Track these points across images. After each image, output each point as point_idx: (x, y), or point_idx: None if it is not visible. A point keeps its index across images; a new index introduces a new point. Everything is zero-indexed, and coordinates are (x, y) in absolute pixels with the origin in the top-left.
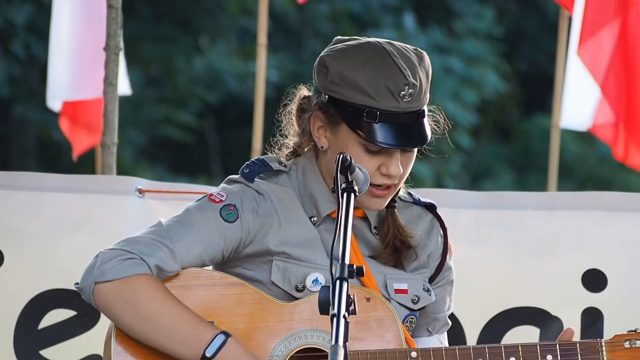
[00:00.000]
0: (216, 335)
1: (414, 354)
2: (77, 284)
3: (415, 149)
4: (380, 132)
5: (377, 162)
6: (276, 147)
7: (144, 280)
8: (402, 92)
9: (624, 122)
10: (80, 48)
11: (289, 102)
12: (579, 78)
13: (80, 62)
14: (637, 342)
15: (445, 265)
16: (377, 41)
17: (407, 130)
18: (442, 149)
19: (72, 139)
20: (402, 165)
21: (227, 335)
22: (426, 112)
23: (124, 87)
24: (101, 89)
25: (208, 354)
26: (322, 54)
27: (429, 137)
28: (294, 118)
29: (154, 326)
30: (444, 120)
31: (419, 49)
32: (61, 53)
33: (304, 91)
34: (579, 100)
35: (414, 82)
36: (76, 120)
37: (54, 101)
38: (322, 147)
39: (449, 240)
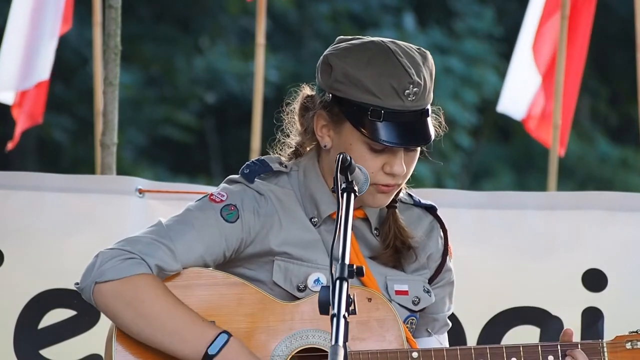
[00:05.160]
0: (219, 334)
1: (415, 354)
2: (77, 284)
3: (419, 148)
4: (385, 131)
5: (381, 161)
6: (278, 147)
7: (145, 280)
8: (407, 91)
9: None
10: (30, 38)
11: (291, 101)
12: (523, 65)
13: (29, 51)
14: (639, 343)
15: (445, 266)
16: (381, 40)
17: (411, 129)
18: (443, 150)
19: (16, 127)
20: (405, 164)
21: (229, 334)
22: (430, 112)
23: (45, 72)
24: (41, 74)
25: (210, 353)
26: (325, 52)
27: (433, 136)
28: (296, 117)
29: (155, 326)
30: (444, 122)
31: (422, 49)
32: (15, 45)
33: (307, 90)
34: (520, 88)
35: (419, 81)
36: (21, 108)
37: (4, 93)
38: (325, 147)
39: (449, 241)
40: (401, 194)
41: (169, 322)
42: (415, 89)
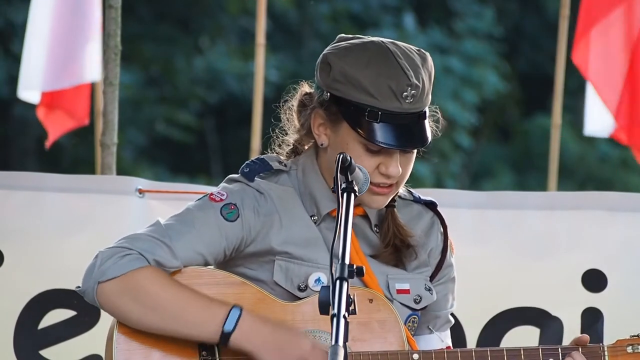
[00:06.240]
0: (230, 310)
1: (415, 356)
2: (79, 287)
3: (415, 150)
4: (381, 132)
5: (376, 161)
6: (276, 145)
7: (146, 273)
8: (405, 93)
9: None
10: (59, 37)
11: (290, 98)
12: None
13: (59, 51)
14: None
15: (446, 262)
16: (381, 41)
17: (407, 131)
18: (443, 149)
19: (48, 127)
20: (401, 166)
21: (240, 307)
22: (427, 114)
23: (93, 73)
24: (82, 76)
25: (227, 330)
26: (325, 51)
27: (430, 138)
28: (294, 114)
29: (165, 315)
30: (442, 120)
31: (422, 50)
32: (40, 44)
33: (305, 87)
34: (601, 106)
35: (417, 83)
36: (54, 108)
37: (29, 92)
38: (322, 145)
39: (449, 237)
40: (400, 191)
41: (178, 309)
42: (413, 91)
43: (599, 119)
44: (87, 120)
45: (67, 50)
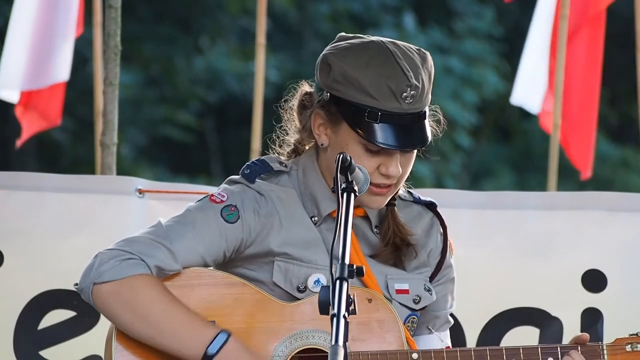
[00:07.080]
0: (218, 334)
1: (415, 356)
2: (77, 284)
3: (415, 150)
4: (381, 133)
5: (376, 161)
6: (277, 144)
7: (143, 281)
8: (404, 94)
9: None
10: (39, 37)
11: (290, 98)
12: (534, 59)
13: (38, 51)
14: (639, 345)
15: (445, 262)
16: (381, 40)
17: (407, 132)
18: (442, 149)
19: (24, 126)
20: (401, 166)
21: (228, 333)
22: (427, 114)
23: (63, 73)
24: (59, 75)
25: (210, 352)
26: (325, 51)
27: (429, 138)
28: (295, 114)
29: (153, 326)
30: (443, 120)
31: (422, 50)
32: (20, 44)
33: (305, 87)
34: (533, 81)
35: (417, 83)
36: (29, 108)
37: (8, 91)
38: (322, 145)
39: (449, 238)
40: (400, 191)
41: (167, 322)
42: (413, 92)
43: (528, 93)
44: (59, 120)
45: (46, 50)
